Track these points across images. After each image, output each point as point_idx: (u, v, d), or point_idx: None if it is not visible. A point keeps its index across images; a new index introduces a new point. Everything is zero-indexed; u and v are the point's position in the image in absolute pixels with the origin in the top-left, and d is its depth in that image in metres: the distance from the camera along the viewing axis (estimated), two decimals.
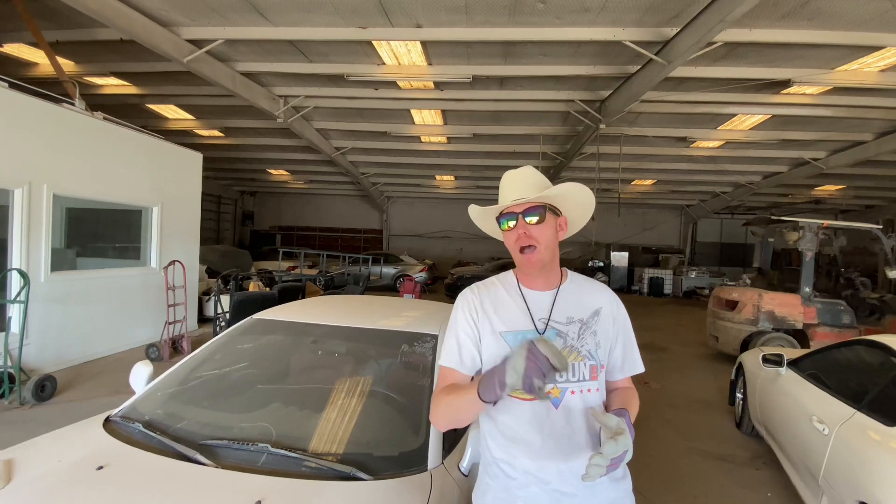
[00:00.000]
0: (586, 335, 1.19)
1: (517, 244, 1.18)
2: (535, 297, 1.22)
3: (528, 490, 1.14)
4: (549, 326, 1.18)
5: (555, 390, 1.14)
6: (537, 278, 1.23)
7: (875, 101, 7.83)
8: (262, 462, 1.46)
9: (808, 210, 17.97)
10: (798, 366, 3.08)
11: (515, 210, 1.18)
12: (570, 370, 1.14)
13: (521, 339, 1.15)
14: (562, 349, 1.13)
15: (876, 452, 1.94)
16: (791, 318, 6.03)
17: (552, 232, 1.19)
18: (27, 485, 1.37)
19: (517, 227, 1.18)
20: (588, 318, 1.20)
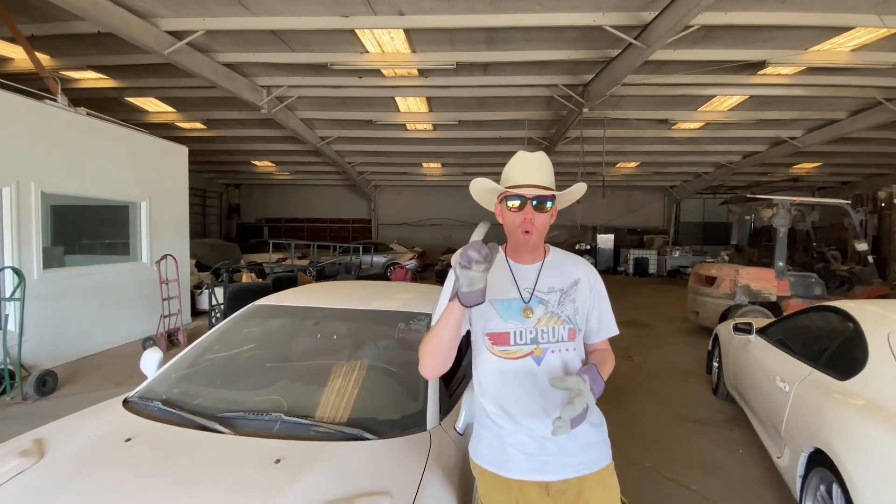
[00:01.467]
0: (566, 302, 1.33)
1: (521, 228, 1.29)
2: (521, 270, 1.36)
3: (516, 437, 1.30)
4: (534, 295, 1.32)
5: (537, 350, 1.29)
6: (525, 254, 1.37)
7: (847, 80, 8.08)
8: (276, 429, 1.61)
9: (787, 188, 18.42)
10: (766, 333, 3.31)
11: (527, 195, 1.28)
12: (550, 332, 1.30)
13: (508, 307, 1.31)
14: (542, 315, 1.31)
15: (828, 404, 2.16)
16: (766, 291, 6.32)
17: (549, 219, 1.32)
18: (61, 457, 1.49)
19: (524, 211, 1.28)
20: (568, 287, 1.35)
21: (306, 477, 1.33)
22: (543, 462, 1.28)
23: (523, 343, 1.29)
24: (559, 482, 1.30)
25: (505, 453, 1.31)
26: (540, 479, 1.29)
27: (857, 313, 2.46)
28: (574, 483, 1.30)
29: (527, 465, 1.29)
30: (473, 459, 1.39)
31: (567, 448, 1.29)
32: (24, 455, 1.48)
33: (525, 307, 1.30)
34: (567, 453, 1.29)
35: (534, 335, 1.29)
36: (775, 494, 2.70)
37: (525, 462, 1.29)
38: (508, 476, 1.30)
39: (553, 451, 1.28)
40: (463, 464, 1.60)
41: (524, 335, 1.29)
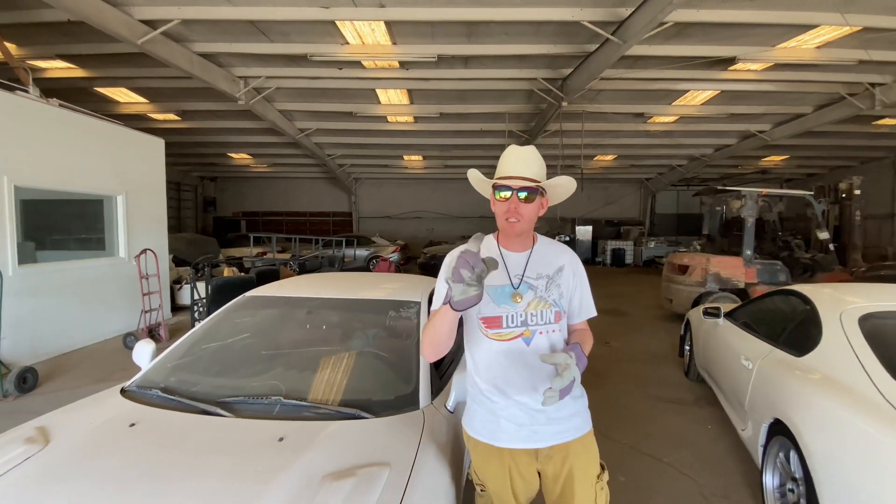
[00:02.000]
0: (552, 287, 1.45)
1: (506, 215, 1.39)
2: (512, 258, 1.46)
3: (508, 411, 1.43)
4: (523, 281, 1.43)
5: (527, 332, 1.41)
6: (515, 242, 1.47)
7: (812, 76, 8.43)
8: (276, 411, 1.69)
9: (757, 180, 19.09)
10: (733, 316, 3.53)
11: (512, 186, 1.37)
12: (539, 316, 1.42)
13: (500, 292, 1.41)
14: (531, 300, 1.42)
15: (786, 378, 2.35)
16: (734, 278, 6.63)
17: (536, 209, 1.41)
18: (68, 442, 1.53)
19: (510, 201, 1.37)
20: (553, 273, 1.46)
21: (310, 452, 1.42)
22: (533, 431, 1.42)
23: (514, 326, 1.41)
24: (547, 448, 1.44)
25: (498, 425, 1.43)
26: (530, 446, 1.43)
27: (813, 296, 2.67)
28: (560, 448, 1.44)
29: (518, 434, 1.42)
30: (468, 433, 1.51)
31: (554, 418, 1.42)
32: (30, 442, 1.51)
33: (515, 293, 1.41)
34: (554, 423, 1.43)
35: (524, 318, 1.41)
36: (740, 465, 2.91)
37: (516, 432, 1.42)
38: (501, 445, 1.43)
39: (541, 422, 1.42)
40: (454, 438, 1.72)
41: (515, 318, 1.41)
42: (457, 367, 2.12)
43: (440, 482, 1.45)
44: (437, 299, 1.45)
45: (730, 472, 2.84)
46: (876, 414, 1.79)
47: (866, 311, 2.31)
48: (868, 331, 2.19)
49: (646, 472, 2.84)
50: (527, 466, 1.46)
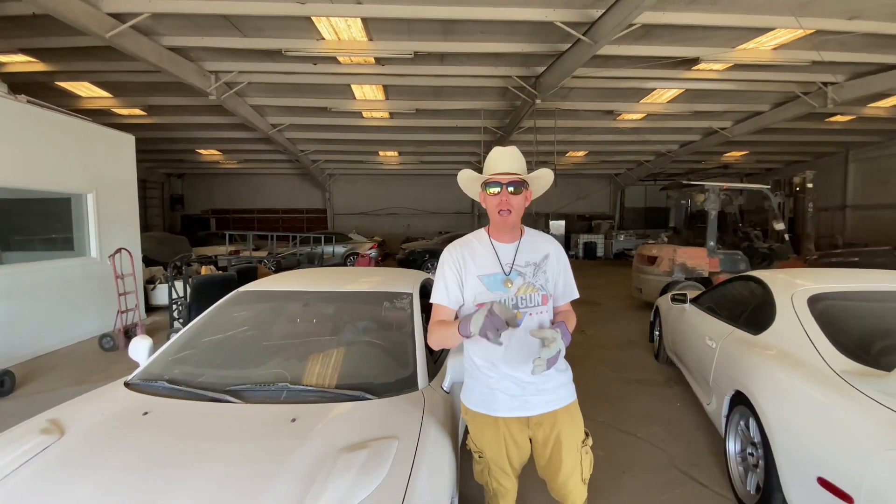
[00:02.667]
0: (538, 274, 1.61)
1: (498, 208, 1.55)
2: (502, 248, 1.63)
3: (502, 383, 1.60)
4: (513, 269, 1.59)
5: (518, 314, 1.53)
6: (505, 234, 1.63)
7: (769, 76, 8.93)
8: (284, 397, 1.79)
9: (719, 174, 19.96)
10: (698, 301, 3.80)
11: (502, 181, 1.54)
12: (528, 299, 1.58)
13: (492, 280, 1.57)
14: (521, 285, 1.58)
15: (745, 354, 2.60)
16: (699, 268, 7.02)
17: (523, 201, 1.59)
18: (84, 432, 1.58)
19: (501, 195, 1.54)
20: (540, 261, 1.63)
21: (323, 429, 1.53)
22: (524, 401, 1.59)
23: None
24: (537, 416, 1.61)
25: (494, 397, 1.60)
26: (522, 415, 1.60)
27: (768, 280, 2.93)
28: (548, 416, 1.62)
29: (511, 404, 1.59)
30: (466, 405, 1.68)
31: (542, 389, 1.60)
32: (46, 432, 1.55)
33: (506, 279, 1.58)
34: (542, 393, 1.60)
35: (514, 302, 1.57)
36: (706, 436, 3.18)
37: (509, 402, 1.59)
38: (497, 415, 1.60)
39: (531, 392, 1.59)
40: (451, 415, 1.86)
41: (507, 302, 1.56)
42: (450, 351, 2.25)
43: (443, 451, 1.59)
44: (437, 293, 1.61)
45: (697, 443, 3.10)
46: (823, 381, 2.03)
47: (814, 292, 2.57)
48: (816, 309, 2.44)
49: (622, 447, 3.06)
50: (519, 433, 1.63)
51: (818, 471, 1.82)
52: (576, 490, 1.66)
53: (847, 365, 2.03)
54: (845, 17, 6.52)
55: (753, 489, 2.35)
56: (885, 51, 7.71)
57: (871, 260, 5.94)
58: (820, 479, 1.80)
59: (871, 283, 2.78)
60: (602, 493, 2.49)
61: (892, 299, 2.60)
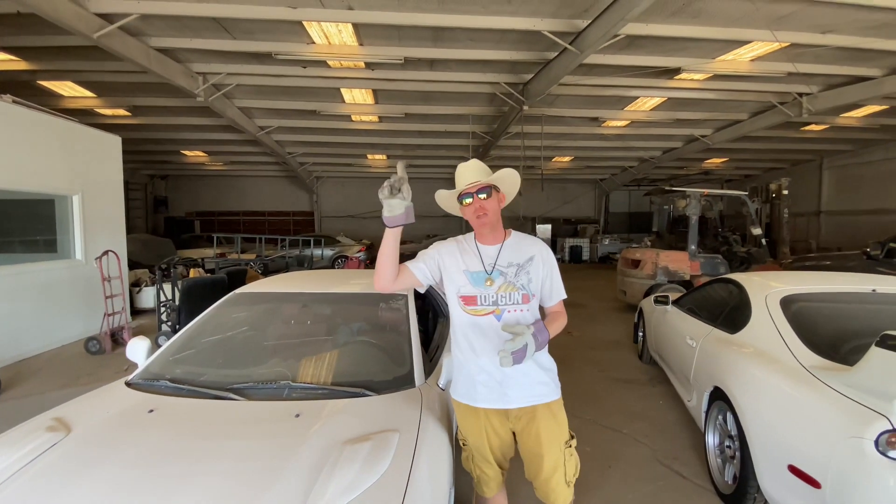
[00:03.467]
0: (521, 274, 1.70)
1: (475, 214, 1.68)
2: (486, 249, 1.74)
3: (482, 375, 1.69)
4: (495, 268, 1.70)
5: (497, 310, 1.67)
6: (488, 236, 1.74)
7: (747, 86, 9.25)
8: (286, 394, 1.85)
9: (700, 180, 20.48)
10: (679, 303, 3.96)
11: (471, 191, 1.68)
12: (507, 297, 1.68)
13: (476, 277, 1.69)
14: (502, 284, 1.68)
15: (723, 352, 2.74)
16: (681, 271, 7.24)
17: (496, 203, 1.71)
18: (91, 429, 1.61)
19: (474, 203, 1.68)
20: (524, 262, 1.71)
21: (326, 423, 1.60)
22: (502, 394, 1.67)
23: (486, 304, 1.68)
24: (516, 409, 1.70)
25: (475, 388, 1.70)
26: (500, 406, 1.69)
27: (744, 282, 3.09)
28: (527, 410, 1.69)
29: (490, 395, 1.68)
30: (452, 396, 1.80)
31: (521, 383, 1.68)
32: (52, 430, 1.58)
33: (488, 277, 1.69)
34: (521, 387, 1.68)
35: (494, 298, 1.67)
36: (687, 431, 3.32)
37: (489, 394, 1.68)
38: (477, 405, 1.70)
39: (510, 385, 1.67)
40: (447, 410, 1.94)
41: (487, 298, 1.68)
42: (444, 351, 2.34)
43: (441, 443, 1.67)
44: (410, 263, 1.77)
45: (679, 438, 3.24)
46: (793, 377, 2.17)
47: (786, 293, 2.73)
48: (788, 310, 2.60)
49: (608, 442, 3.18)
50: (500, 425, 1.72)
51: (789, 459, 1.95)
52: (558, 490, 1.70)
53: (816, 361, 2.17)
54: (819, 31, 6.83)
55: (731, 479, 2.48)
56: (857, 63, 8.09)
57: (842, 264, 6.21)
58: (790, 466, 1.93)
59: (840, 285, 2.96)
60: (589, 486, 2.59)
61: (858, 300, 2.77)
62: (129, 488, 1.33)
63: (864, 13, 6.19)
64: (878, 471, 1.61)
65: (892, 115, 11.23)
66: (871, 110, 10.90)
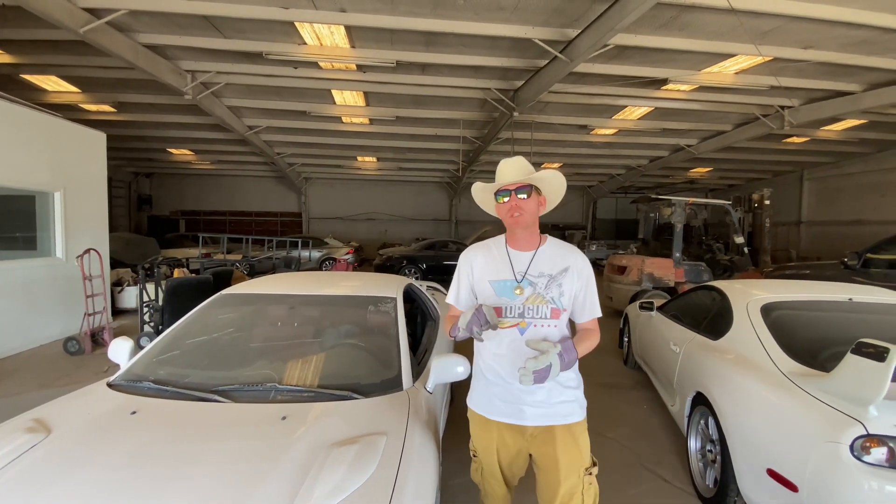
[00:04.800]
0: (552, 286, 1.57)
1: (509, 213, 1.57)
2: (517, 256, 1.62)
3: (499, 387, 1.61)
4: (525, 277, 1.58)
5: (522, 322, 1.57)
6: (521, 240, 1.62)
7: (732, 98, 9.47)
8: (272, 396, 1.83)
9: (686, 189, 20.84)
10: (664, 309, 4.03)
11: (510, 188, 1.57)
12: (535, 310, 1.57)
13: (502, 286, 1.59)
14: (530, 295, 1.57)
15: (705, 358, 2.80)
16: (666, 277, 7.35)
17: (535, 205, 1.60)
18: (71, 431, 1.58)
19: (510, 201, 1.57)
20: (557, 273, 1.58)
21: (314, 426, 1.59)
22: (519, 409, 1.58)
23: (512, 316, 1.58)
24: (532, 427, 1.59)
25: (491, 401, 1.63)
26: (515, 422, 1.60)
27: (726, 289, 3.16)
28: (545, 430, 1.58)
29: (506, 410, 1.60)
30: (468, 404, 1.72)
31: (540, 401, 1.57)
32: (31, 431, 1.55)
33: (517, 286, 1.57)
34: (540, 405, 1.57)
35: (521, 310, 1.57)
36: (671, 436, 3.37)
37: (505, 408, 1.60)
38: (491, 418, 1.62)
39: (528, 402, 1.57)
40: (434, 413, 1.94)
41: (513, 310, 1.57)
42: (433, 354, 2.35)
43: (428, 446, 1.67)
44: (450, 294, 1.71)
45: (662, 443, 3.29)
46: (772, 382, 2.22)
47: (767, 301, 2.80)
48: (768, 317, 2.66)
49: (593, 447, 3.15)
50: (513, 442, 1.62)
51: (768, 463, 2.00)
52: None
53: (794, 367, 2.23)
54: (801, 46, 7.04)
55: (712, 483, 2.53)
56: (837, 78, 8.35)
57: (821, 272, 6.36)
58: (769, 470, 1.98)
59: (819, 293, 3.04)
60: None
61: (835, 308, 2.85)
62: (112, 491, 1.31)
63: (845, 30, 6.40)
64: (853, 475, 1.66)
65: (871, 129, 11.59)
66: (851, 124, 11.24)
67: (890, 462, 1.67)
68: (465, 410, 1.76)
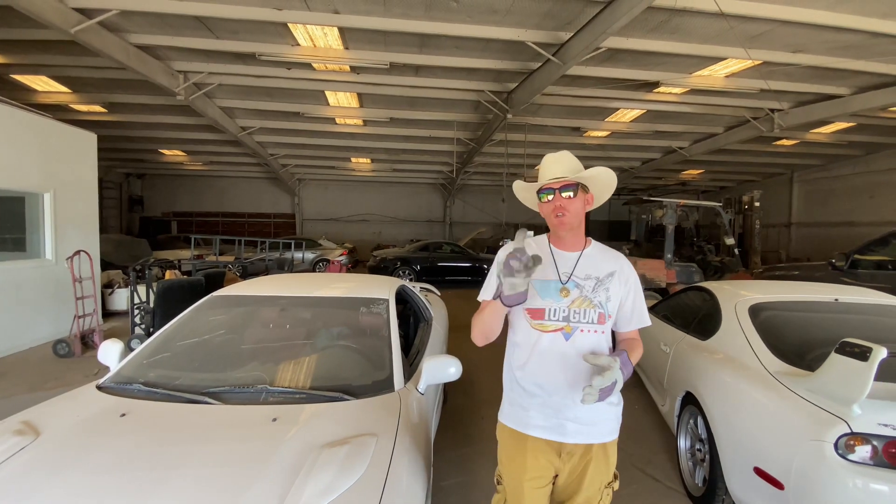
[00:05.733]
0: (599, 290, 1.47)
1: (553, 213, 1.47)
2: (562, 256, 1.52)
3: (539, 400, 1.47)
4: (571, 279, 1.47)
5: (567, 327, 1.45)
6: (566, 240, 1.52)
7: (722, 101, 9.58)
8: (263, 398, 1.83)
9: (678, 191, 21.01)
10: (655, 310, 4.06)
11: (554, 186, 1.46)
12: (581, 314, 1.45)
13: (546, 286, 1.47)
14: (576, 297, 1.46)
15: (694, 358, 2.83)
16: (657, 279, 7.41)
17: (581, 204, 1.48)
18: (60, 433, 1.57)
19: (554, 200, 1.46)
20: (603, 277, 1.49)
21: (304, 428, 1.59)
22: (559, 424, 1.46)
23: (556, 319, 1.45)
24: (571, 445, 1.47)
25: (528, 414, 1.49)
26: (555, 438, 1.46)
27: (715, 290, 3.20)
28: (582, 448, 1.47)
29: (545, 424, 1.47)
30: (499, 418, 1.58)
31: (581, 417, 1.44)
32: (20, 434, 1.54)
33: (563, 287, 1.46)
34: (581, 422, 1.45)
35: (566, 314, 1.45)
36: (661, 436, 3.40)
37: (543, 422, 1.47)
38: (528, 433, 1.49)
39: (569, 418, 1.45)
40: (426, 414, 1.95)
41: (558, 312, 1.45)
42: (425, 355, 2.35)
43: (419, 448, 1.68)
44: (485, 291, 1.52)
45: (652, 442, 3.32)
46: (759, 382, 2.25)
47: (754, 302, 2.84)
48: (756, 317, 2.70)
49: None
50: (547, 457, 1.48)
51: (755, 461, 2.03)
52: None
53: (780, 366, 2.26)
54: (790, 50, 7.13)
55: (700, 482, 2.55)
56: (826, 82, 8.46)
57: (810, 273, 6.45)
58: (756, 468, 2.01)
59: (806, 294, 3.08)
60: None
61: (822, 309, 2.89)
62: (101, 493, 1.31)
63: (833, 34, 6.49)
64: (837, 473, 1.69)
65: (860, 132, 11.75)
66: (840, 127, 11.40)
67: (874, 460, 1.69)
68: (457, 410, 1.75)
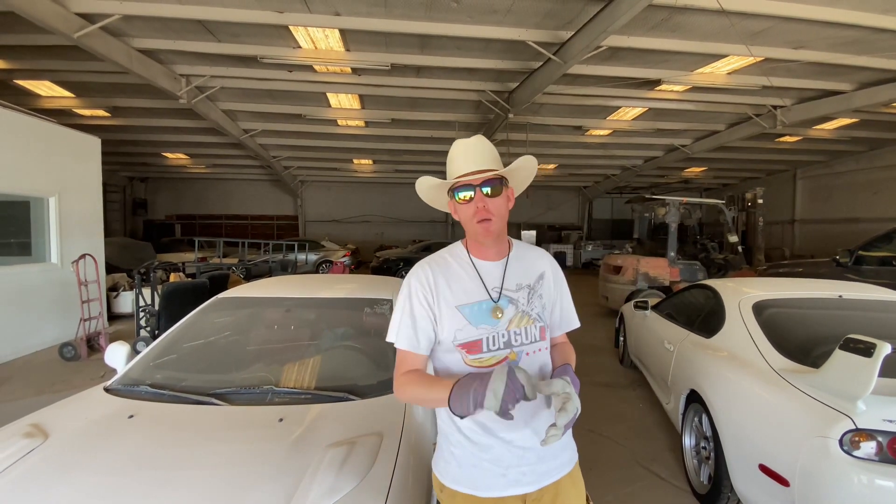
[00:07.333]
0: (534, 299, 1.23)
1: (475, 216, 1.17)
2: (486, 268, 1.23)
3: (491, 451, 1.17)
4: (502, 294, 1.20)
5: (512, 354, 1.17)
6: (489, 249, 1.23)
7: (724, 98, 9.55)
8: (269, 399, 1.85)
9: (680, 189, 20.94)
10: (658, 308, 4.07)
11: (474, 182, 1.16)
12: (523, 334, 1.19)
13: (477, 310, 1.18)
14: (513, 316, 1.20)
15: (698, 356, 2.83)
16: (661, 277, 7.40)
17: (505, 202, 1.20)
18: (69, 435, 1.59)
19: (475, 200, 1.16)
20: (534, 282, 1.25)
21: (310, 427, 1.60)
22: (521, 474, 1.19)
23: (496, 348, 1.17)
24: (536, 492, 1.21)
25: (480, 471, 1.19)
26: (517, 492, 1.20)
27: (719, 288, 3.20)
28: (550, 488, 1.23)
29: (503, 480, 1.18)
30: (442, 481, 1.24)
31: (543, 455, 1.20)
32: (29, 436, 1.55)
33: (494, 307, 1.19)
34: (544, 460, 1.21)
35: (507, 338, 1.18)
36: (665, 433, 3.40)
37: (502, 478, 1.18)
38: (484, 495, 1.18)
39: (531, 461, 1.19)
40: (431, 415, 1.96)
41: (497, 339, 1.17)
42: None
43: (424, 447, 1.69)
44: (401, 335, 1.22)
45: (657, 440, 3.32)
46: (764, 379, 2.25)
47: (758, 299, 2.83)
48: (760, 315, 2.69)
49: (589, 445, 3.23)
50: None
51: (760, 458, 2.03)
52: None
53: (785, 364, 2.26)
54: (792, 46, 7.10)
55: (706, 479, 2.55)
56: (828, 78, 8.43)
57: (813, 270, 6.42)
58: (761, 465, 2.01)
59: (809, 291, 3.08)
60: None
61: (826, 306, 2.89)
62: (110, 495, 1.32)
63: (835, 30, 6.46)
64: (842, 469, 1.69)
65: (863, 128, 11.70)
66: (842, 123, 11.34)
67: (879, 456, 1.69)
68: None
